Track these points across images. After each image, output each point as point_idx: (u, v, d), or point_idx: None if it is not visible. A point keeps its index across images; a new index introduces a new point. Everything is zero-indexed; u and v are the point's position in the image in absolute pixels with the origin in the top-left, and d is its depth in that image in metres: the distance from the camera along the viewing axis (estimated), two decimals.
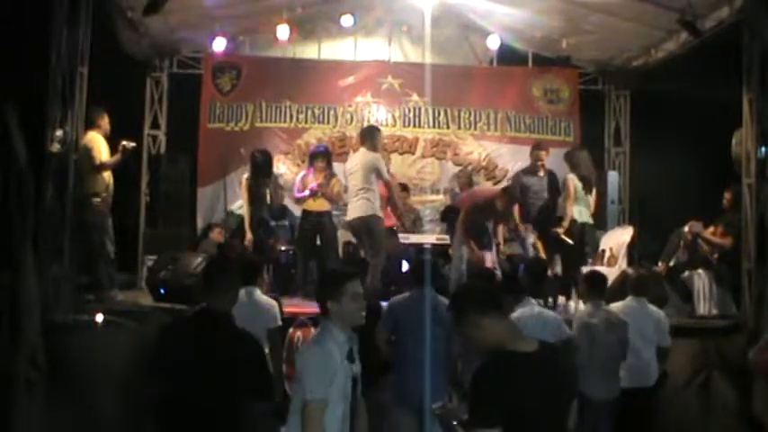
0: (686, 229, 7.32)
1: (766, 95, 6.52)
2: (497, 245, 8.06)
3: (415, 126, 10.22)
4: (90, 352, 5.48)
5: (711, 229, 7.24)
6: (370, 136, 7.26)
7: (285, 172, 9.81)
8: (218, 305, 3.39)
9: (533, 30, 9.52)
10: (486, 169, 10.13)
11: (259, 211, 7.83)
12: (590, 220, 7.52)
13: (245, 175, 8.03)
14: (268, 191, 7.89)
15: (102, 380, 5.35)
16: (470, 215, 7.39)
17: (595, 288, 5.24)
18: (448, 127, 10.24)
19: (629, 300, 5.42)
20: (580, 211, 7.36)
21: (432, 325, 4.47)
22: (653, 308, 5.46)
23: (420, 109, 10.20)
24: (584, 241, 7.48)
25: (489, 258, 7.29)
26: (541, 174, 7.84)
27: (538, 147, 8.18)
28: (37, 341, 4.76)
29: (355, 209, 7.06)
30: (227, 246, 8.34)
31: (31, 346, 4.61)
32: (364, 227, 7.08)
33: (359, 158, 7.16)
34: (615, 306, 5.36)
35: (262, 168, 7.91)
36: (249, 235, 7.82)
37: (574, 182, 7.38)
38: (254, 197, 7.82)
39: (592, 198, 7.58)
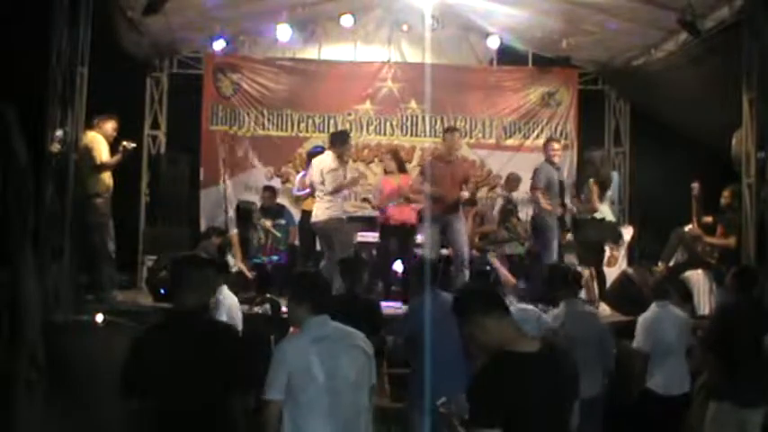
0: (687, 228, 7.36)
1: (766, 96, 6.52)
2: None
3: (412, 135, 10.29)
4: (90, 352, 5.47)
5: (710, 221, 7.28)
6: (335, 140, 7.46)
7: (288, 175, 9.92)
8: (188, 303, 3.28)
9: (533, 30, 9.52)
10: (480, 176, 10.15)
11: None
12: (611, 217, 7.56)
13: (234, 231, 8.49)
14: (256, 236, 8.34)
15: (103, 380, 5.34)
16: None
17: (570, 286, 5.23)
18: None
19: (654, 306, 5.34)
20: (605, 210, 7.39)
21: (449, 326, 4.44)
22: (678, 310, 5.43)
23: (417, 117, 10.27)
24: (597, 238, 7.52)
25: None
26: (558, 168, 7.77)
27: (550, 139, 8.27)
28: (37, 341, 4.75)
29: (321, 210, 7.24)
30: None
31: (31, 346, 4.60)
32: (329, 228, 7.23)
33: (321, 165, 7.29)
34: (646, 316, 5.29)
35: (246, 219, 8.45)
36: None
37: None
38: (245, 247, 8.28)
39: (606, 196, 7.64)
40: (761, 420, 4.69)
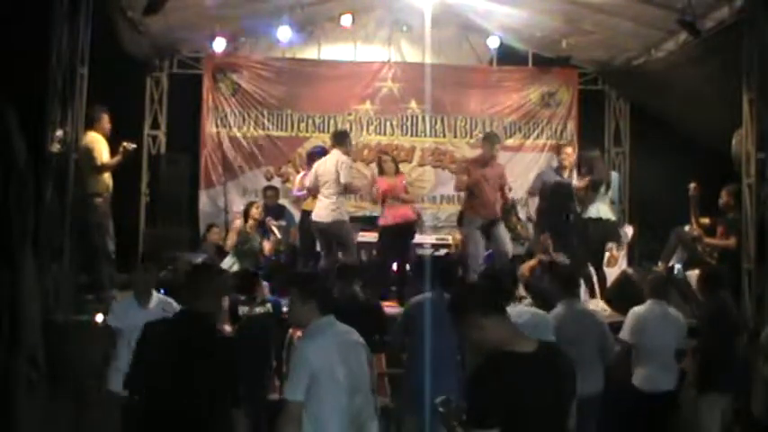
0: (686, 228, 7.35)
1: (766, 95, 6.52)
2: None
3: (412, 135, 10.32)
4: (90, 352, 5.47)
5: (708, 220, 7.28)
6: (342, 139, 7.43)
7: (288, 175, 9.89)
8: (201, 308, 3.40)
9: (533, 30, 9.53)
10: None
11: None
12: (611, 217, 7.49)
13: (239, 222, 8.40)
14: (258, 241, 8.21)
15: (103, 380, 5.35)
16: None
17: (569, 286, 5.23)
18: (444, 135, 10.32)
19: (649, 303, 5.36)
20: (597, 209, 7.34)
21: (445, 327, 4.43)
22: (673, 310, 5.45)
23: (417, 117, 10.30)
24: (598, 238, 7.48)
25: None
26: (566, 174, 7.68)
27: (561, 145, 8.28)
28: (37, 341, 4.76)
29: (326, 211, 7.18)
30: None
31: (31, 346, 4.61)
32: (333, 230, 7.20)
33: (334, 159, 7.23)
34: (637, 310, 5.34)
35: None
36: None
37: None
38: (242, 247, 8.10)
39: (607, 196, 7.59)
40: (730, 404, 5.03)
